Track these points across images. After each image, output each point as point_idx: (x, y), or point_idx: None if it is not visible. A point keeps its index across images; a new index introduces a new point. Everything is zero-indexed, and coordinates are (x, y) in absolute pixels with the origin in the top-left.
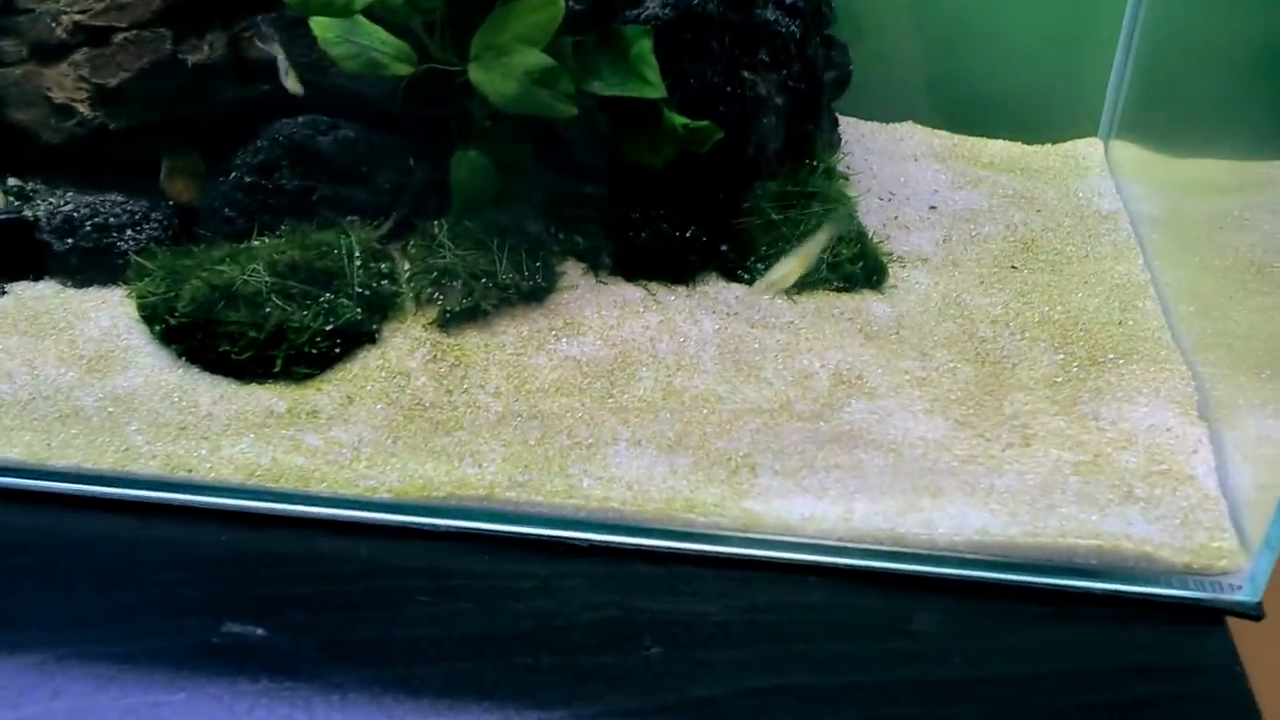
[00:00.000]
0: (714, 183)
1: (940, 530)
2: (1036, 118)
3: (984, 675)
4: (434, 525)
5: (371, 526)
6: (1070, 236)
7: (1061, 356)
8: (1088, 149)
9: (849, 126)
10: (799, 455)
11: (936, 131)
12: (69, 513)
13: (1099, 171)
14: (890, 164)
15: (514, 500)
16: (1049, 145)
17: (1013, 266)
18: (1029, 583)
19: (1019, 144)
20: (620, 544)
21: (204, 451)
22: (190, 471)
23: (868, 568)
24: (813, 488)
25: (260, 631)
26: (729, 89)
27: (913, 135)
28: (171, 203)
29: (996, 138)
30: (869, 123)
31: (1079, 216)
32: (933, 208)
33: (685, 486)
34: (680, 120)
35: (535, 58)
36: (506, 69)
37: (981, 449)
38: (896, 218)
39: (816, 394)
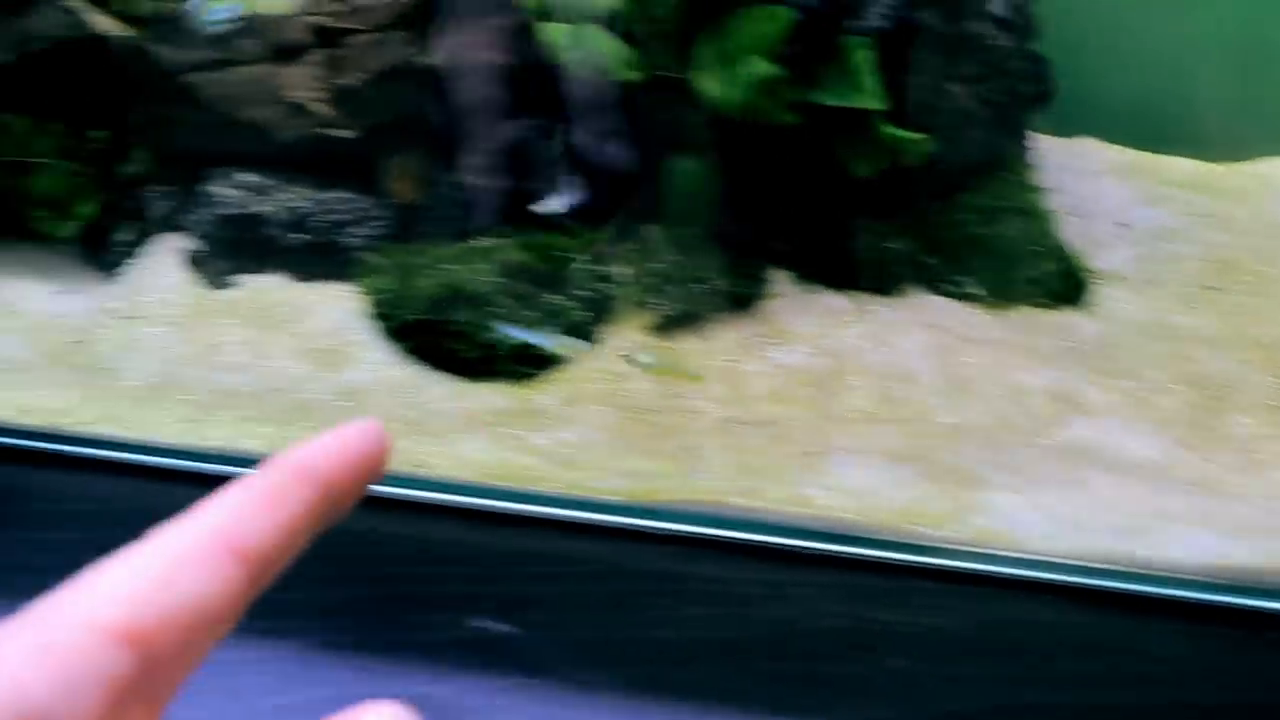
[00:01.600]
0: (919, 194)
1: (1174, 552)
2: (1221, 135)
3: (1237, 701)
4: (664, 529)
5: (603, 528)
6: (1271, 258)
7: (1276, 380)
8: (1275, 169)
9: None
10: (1024, 471)
11: (1118, 147)
12: None
13: None
14: (1077, 180)
15: (742, 506)
16: (1235, 164)
17: (1212, 287)
18: (1270, 609)
19: (1204, 162)
20: (848, 554)
21: (438, 448)
22: (426, 468)
23: (1100, 587)
24: (1041, 504)
25: (507, 628)
26: (937, 101)
27: (1095, 151)
28: (394, 201)
29: (1180, 155)
30: (1050, 138)
31: (1275, 237)
32: (1123, 224)
33: (911, 499)
34: (892, 131)
35: (762, 66)
36: (733, 77)
37: (1209, 472)
38: (1089, 234)
39: (1034, 410)
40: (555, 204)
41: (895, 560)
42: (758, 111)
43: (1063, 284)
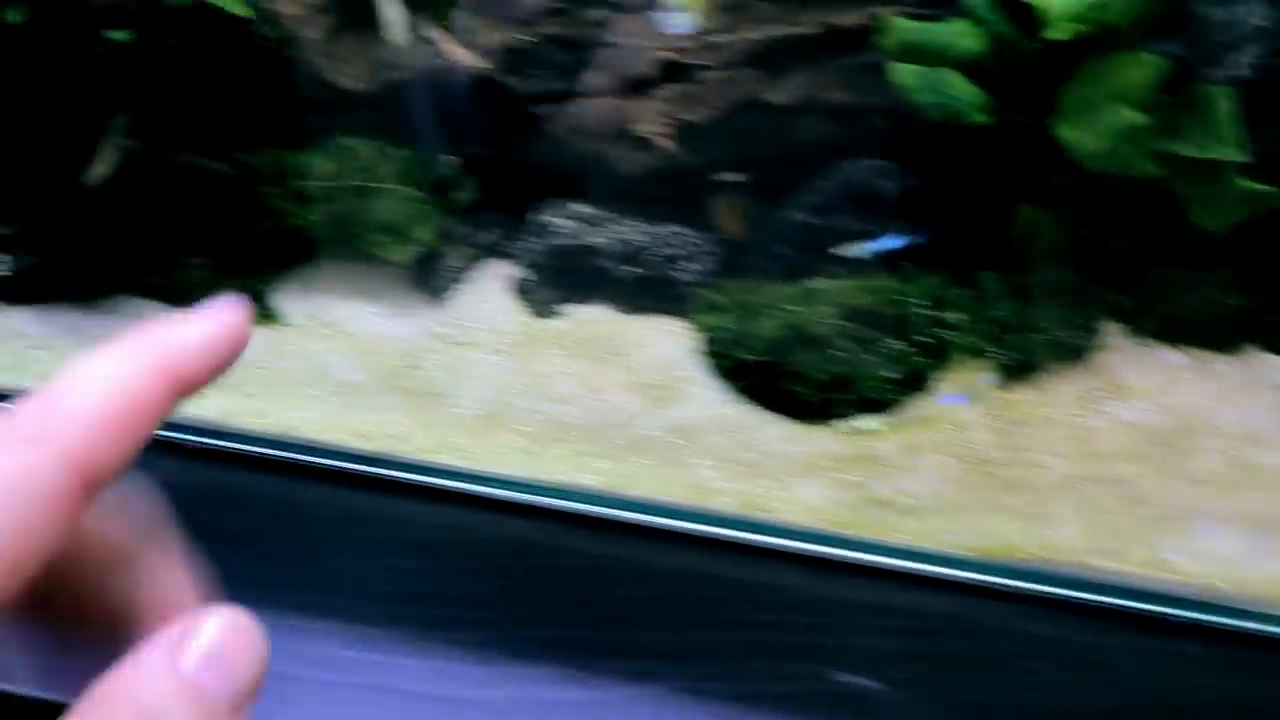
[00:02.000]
0: (1267, 251)
1: None
2: None
3: None
4: (1022, 588)
5: (953, 584)
6: None
7: None
8: None
9: None
10: None
11: None
12: (644, 543)
13: None
14: None
15: (1103, 569)
16: None
17: None
18: None
19: None
20: (1218, 624)
21: (776, 491)
22: (765, 511)
23: None
24: None
25: (873, 684)
26: None
27: None
28: (722, 236)
29: None
30: None
31: None
32: None
33: None
34: (1249, 184)
35: (1130, 116)
36: (1098, 126)
37: None
38: None
39: None
40: (869, 247)
41: (1266, 633)
42: (1120, 161)
43: None
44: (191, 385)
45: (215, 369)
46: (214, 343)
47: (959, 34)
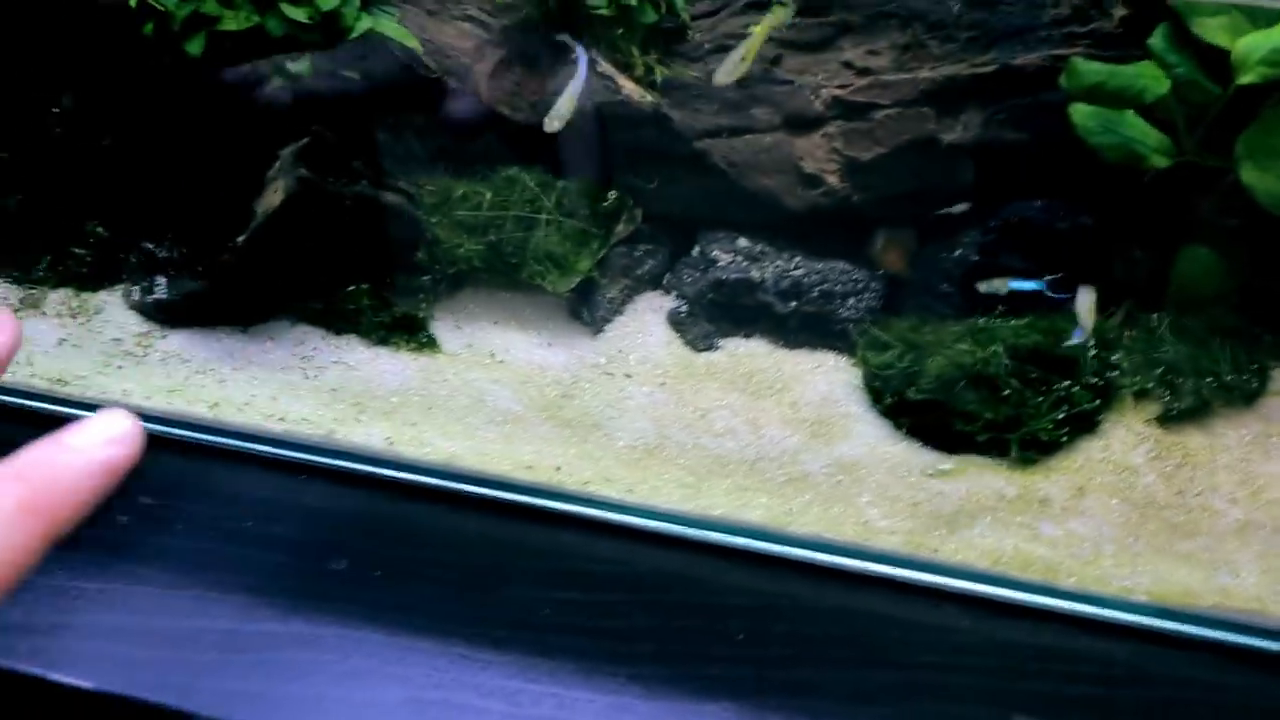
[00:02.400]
0: None
1: None
2: None
3: None
4: (1199, 635)
5: (1128, 629)
6: None
7: None
8: None
9: None
10: None
11: None
12: (809, 581)
13: None
14: None
15: None
16: None
17: None
18: None
19: None
20: None
21: (942, 532)
22: (935, 551)
23: None
24: None
25: None
26: None
27: None
28: (883, 272)
29: None
30: None
31: None
32: None
33: None
34: None
35: None
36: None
37: None
38: None
39: None
40: (1013, 285)
41: None
42: None
43: None
44: None
45: None
46: None
47: (1144, 76)
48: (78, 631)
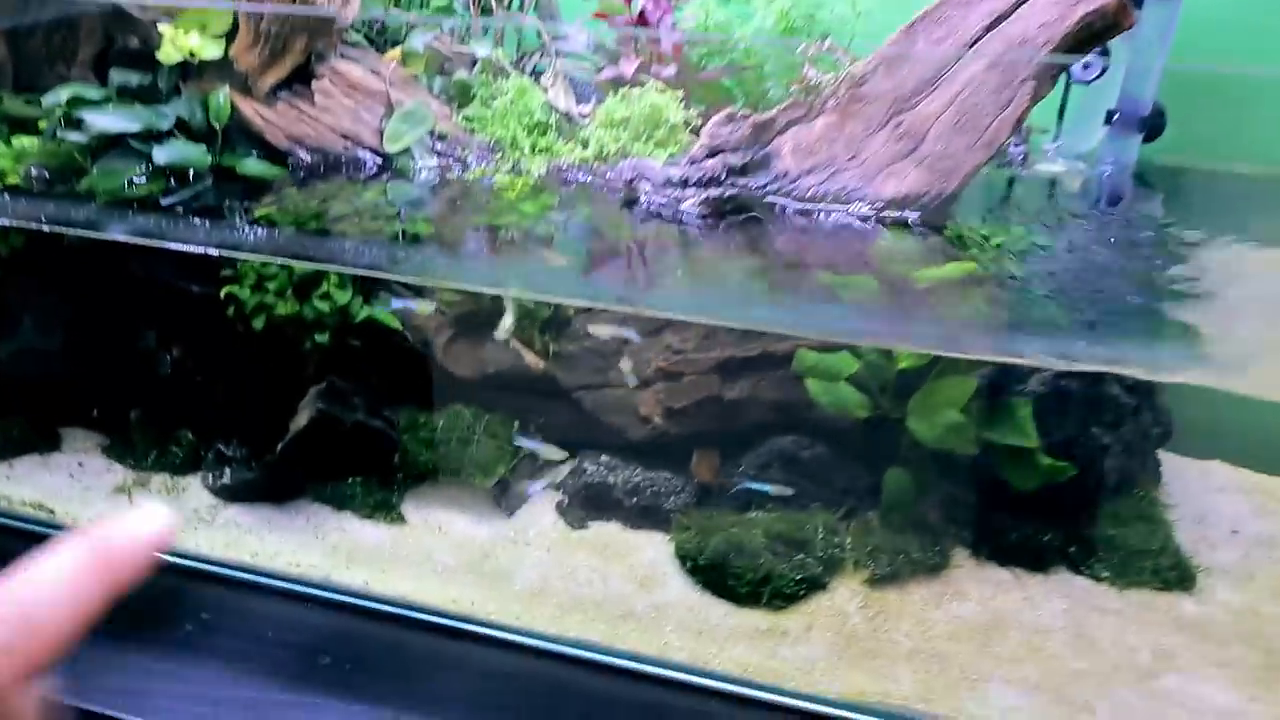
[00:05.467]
0: (1067, 503)
1: None
2: None
3: None
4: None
5: (821, 716)
6: None
7: None
8: None
9: (1167, 461)
10: (1126, 706)
11: (1242, 470)
12: (628, 682)
13: None
14: (1201, 495)
15: (921, 711)
16: None
17: None
18: None
19: None
20: None
21: (715, 650)
22: (705, 663)
23: None
24: None
25: None
26: (1080, 440)
27: (1220, 471)
28: (696, 480)
29: None
30: (1184, 458)
31: None
32: (1235, 532)
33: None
34: (1046, 460)
35: (953, 416)
36: (933, 421)
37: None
38: (1204, 538)
39: (1140, 663)
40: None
41: None
42: (947, 444)
43: (1175, 574)
44: (122, 570)
45: (140, 558)
46: (140, 538)
47: (842, 361)
48: (156, 695)
